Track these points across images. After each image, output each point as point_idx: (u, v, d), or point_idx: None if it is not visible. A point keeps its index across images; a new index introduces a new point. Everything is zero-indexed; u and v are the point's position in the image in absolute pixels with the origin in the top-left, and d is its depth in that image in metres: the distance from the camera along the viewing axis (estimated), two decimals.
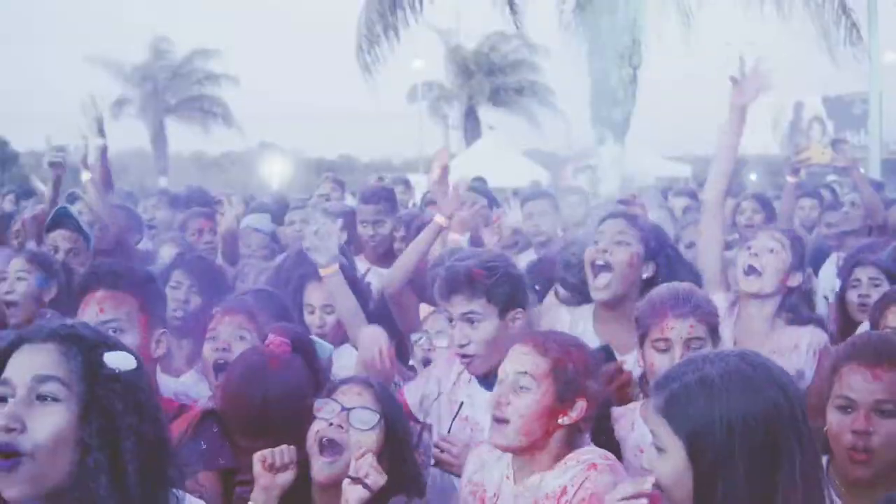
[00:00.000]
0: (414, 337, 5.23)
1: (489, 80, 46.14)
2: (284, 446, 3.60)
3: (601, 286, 4.98)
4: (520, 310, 4.40)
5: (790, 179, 8.53)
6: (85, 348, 2.53)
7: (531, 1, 20.85)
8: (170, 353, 4.74)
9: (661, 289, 4.33)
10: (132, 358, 2.60)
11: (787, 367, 3.14)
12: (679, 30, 18.52)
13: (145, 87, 48.54)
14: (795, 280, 5.13)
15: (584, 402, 3.48)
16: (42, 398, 2.46)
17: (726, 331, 4.85)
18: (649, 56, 19.90)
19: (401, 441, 3.79)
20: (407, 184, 12.67)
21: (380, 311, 5.57)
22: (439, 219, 5.52)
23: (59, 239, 6.53)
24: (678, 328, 4.07)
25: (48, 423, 2.44)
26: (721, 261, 5.51)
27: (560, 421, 3.48)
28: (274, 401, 3.91)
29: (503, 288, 4.34)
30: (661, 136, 39.99)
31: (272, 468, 3.57)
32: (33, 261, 5.84)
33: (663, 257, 5.09)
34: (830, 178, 17.12)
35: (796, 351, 4.92)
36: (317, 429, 3.71)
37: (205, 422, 4.03)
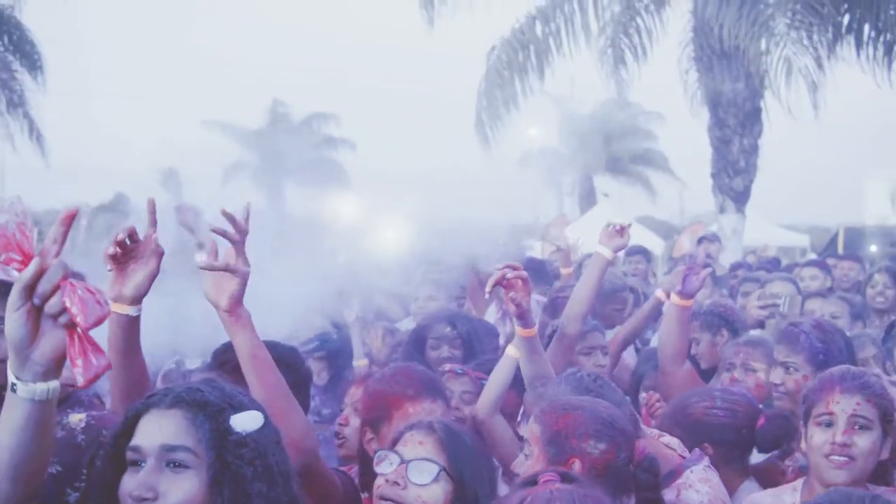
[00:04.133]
0: None
1: (604, 147, 46.01)
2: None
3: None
4: None
5: None
6: (211, 414, 2.53)
7: (645, 69, 20.78)
8: None
9: (833, 369, 4.27)
10: (259, 416, 2.60)
11: None
12: (804, 98, 18.26)
13: (263, 150, 49.21)
14: None
15: (578, 462, 3.46)
16: (173, 465, 2.48)
17: None
18: (768, 124, 19.78)
19: (473, 493, 3.45)
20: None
21: None
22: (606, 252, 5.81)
23: None
24: (843, 403, 3.98)
25: (180, 490, 2.47)
26: None
27: None
28: None
29: None
30: (777, 204, 39.45)
31: None
32: None
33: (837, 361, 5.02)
34: None
35: None
36: (377, 485, 3.54)
37: None
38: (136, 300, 3.53)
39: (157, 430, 2.52)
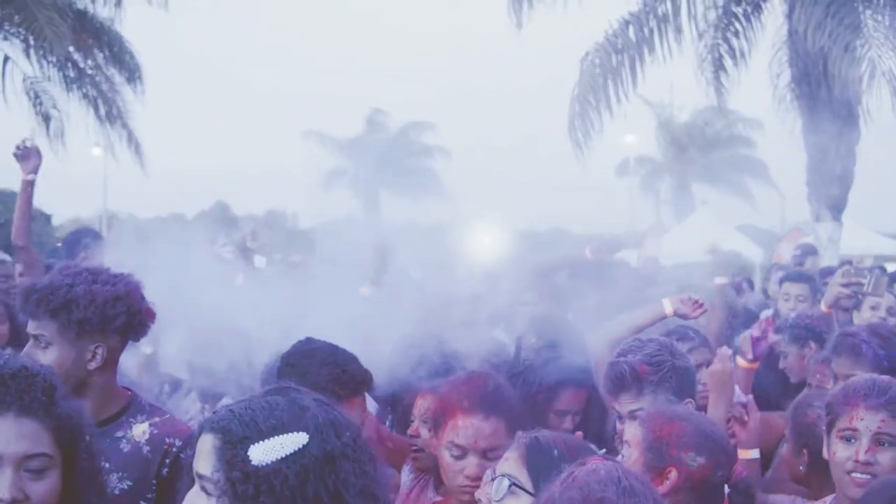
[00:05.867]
0: None
1: (702, 154, 45.55)
2: None
3: None
4: (689, 400, 4.36)
5: None
6: (229, 443, 2.45)
7: (744, 74, 20.41)
8: None
9: (859, 378, 4.10)
10: (291, 441, 2.44)
11: None
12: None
13: (360, 158, 49.60)
14: None
15: (674, 471, 3.51)
16: (204, 490, 2.48)
17: None
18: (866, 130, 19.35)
19: None
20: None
21: None
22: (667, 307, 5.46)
23: None
24: (867, 420, 3.84)
25: None
26: None
27: None
28: None
29: (670, 383, 4.30)
30: (881, 212, 38.56)
31: None
32: None
33: None
34: None
35: None
36: None
37: None
38: None
39: (197, 453, 2.53)
